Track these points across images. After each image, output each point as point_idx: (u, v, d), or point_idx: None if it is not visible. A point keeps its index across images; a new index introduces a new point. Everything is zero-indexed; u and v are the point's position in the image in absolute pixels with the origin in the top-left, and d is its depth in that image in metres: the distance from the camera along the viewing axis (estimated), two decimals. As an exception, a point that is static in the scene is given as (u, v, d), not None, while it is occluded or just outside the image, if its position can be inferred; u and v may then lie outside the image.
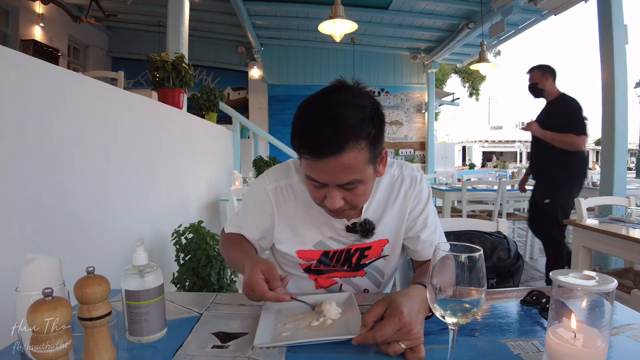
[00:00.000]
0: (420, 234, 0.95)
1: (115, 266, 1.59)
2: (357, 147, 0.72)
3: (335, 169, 0.73)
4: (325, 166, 0.73)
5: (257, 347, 0.64)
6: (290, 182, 0.95)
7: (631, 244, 1.82)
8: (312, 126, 0.73)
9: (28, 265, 0.58)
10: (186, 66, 2.90)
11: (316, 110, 0.74)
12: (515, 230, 4.60)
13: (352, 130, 0.71)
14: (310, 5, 5.74)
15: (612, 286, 0.50)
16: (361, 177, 0.76)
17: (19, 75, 1.19)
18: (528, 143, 17.05)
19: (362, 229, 0.92)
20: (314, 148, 0.72)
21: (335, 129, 0.71)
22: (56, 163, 1.35)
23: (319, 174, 0.76)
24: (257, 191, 0.97)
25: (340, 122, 0.71)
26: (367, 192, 0.83)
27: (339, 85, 0.79)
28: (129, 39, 7.61)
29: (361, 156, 0.74)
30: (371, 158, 0.76)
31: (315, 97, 0.77)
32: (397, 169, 0.97)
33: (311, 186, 0.81)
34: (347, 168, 0.73)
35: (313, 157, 0.73)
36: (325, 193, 0.79)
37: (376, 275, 1.00)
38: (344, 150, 0.71)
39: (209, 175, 3.43)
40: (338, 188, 0.77)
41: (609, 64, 3.18)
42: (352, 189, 0.78)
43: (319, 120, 0.73)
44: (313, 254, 0.96)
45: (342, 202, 0.79)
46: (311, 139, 0.72)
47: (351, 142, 0.71)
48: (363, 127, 0.72)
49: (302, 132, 0.74)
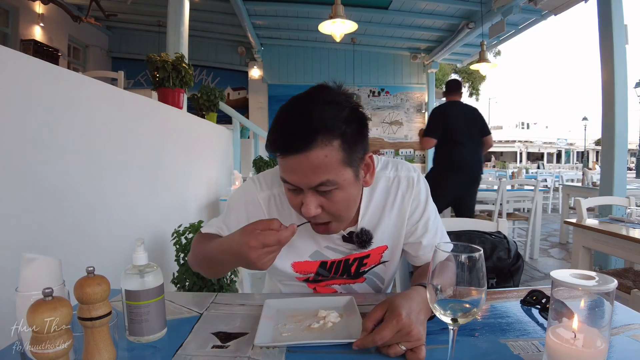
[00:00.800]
0: (422, 239, 0.91)
1: (115, 266, 1.59)
2: (328, 145, 0.69)
3: (305, 168, 0.69)
4: (295, 164, 0.70)
5: (257, 347, 0.64)
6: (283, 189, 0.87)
7: (631, 244, 1.82)
8: (284, 121, 0.71)
9: (28, 265, 0.58)
10: (186, 66, 2.90)
11: (290, 106, 0.73)
12: (515, 230, 4.61)
13: (322, 124, 0.68)
14: (310, 5, 5.74)
15: (612, 286, 0.50)
16: (335, 179, 0.71)
17: (19, 75, 1.19)
18: (528, 143, 16.98)
19: (358, 240, 0.87)
20: (283, 142, 0.70)
21: (306, 124, 0.68)
22: (56, 163, 1.35)
23: (290, 174, 0.72)
24: (248, 198, 0.90)
25: (311, 117, 0.69)
26: (349, 200, 0.77)
27: (319, 86, 0.77)
28: (129, 39, 7.61)
29: (333, 156, 0.69)
30: (347, 160, 0.72)
31: (294, 97, 0.75)
32: (393, 170, 0.92)
33: (288, 192, 0.77)
34: (316, 167, 0.69)
35: (282, 152, 0.70)
36: (302, 199, 0.74)
37: (376, 281, 0.98)
38: (313, 146, 0.67)
39: (209, 175, 3.43)
40: (313, 193, 0.73)
41: (609, 64, 3.18)
42: (327, 194, 0.73)
43: (291, 114, 0.71)
44: (310, 266, 0.92)
45: (319, 210, 0.74)
46: (281, 133, 0.70)
47: (320, 137, 0.68)
48: (335, 124, 0.69)
49: (273, 128, 0.72)
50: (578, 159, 30.32)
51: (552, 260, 3.98)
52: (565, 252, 4.26)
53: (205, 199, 3.21)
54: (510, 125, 35.46)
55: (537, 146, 30.00)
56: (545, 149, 30.15)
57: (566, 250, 4.32)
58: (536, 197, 3.75)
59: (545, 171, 12.27)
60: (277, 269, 0.92)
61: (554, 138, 29.91)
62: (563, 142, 29.62)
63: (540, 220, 4.14)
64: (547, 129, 34.16)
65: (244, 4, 5.52)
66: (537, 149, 30.10)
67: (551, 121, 48.03)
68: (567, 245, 4.53)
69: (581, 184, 5.33)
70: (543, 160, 28.66)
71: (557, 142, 29.55)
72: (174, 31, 3.42)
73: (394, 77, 7.92)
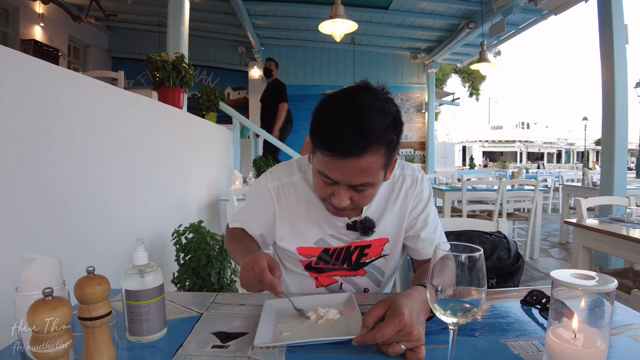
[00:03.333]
0: (421, 232, 0.95)
1: (116, 266, 1.59)
2: (378, 152, 0.73)
3: (352, 170, 0.74)
4: (344, 166, 0.73)
5: (257, 347, 0.64)
6: (292, 179, 0.96)
7: (631, 244, 1.82)
8: (337, 125, 0.72)
9: (28, 265, 0.58)
10: (186, 66, 2.90)
11: (342, 108, 0.74)
12: (515, 230, 4.60)
13: (376, 135, 0.72)
14: (311, 5, 5.74)
15: (612, 286, 0.50)
16: (374, 180, 0.77)
17: (19, 75, 1.19)
18: (528, 143, 16.99)
19: (362, 227, 0.92)
20: (337, 147, 0.72)
21: (361, 132, 0.71)
22: (56, 163, 1.35)
23: (334, 173, 0.76)
24: (260, 189, 0.98)
25: (366, 126, 0.71)
26: (374, 194, 0.84)
27: (363, 87, 0.79)
28: (129, 38, 7.61)
29: (378, 161, 0.75)
30: (385, 164, 0.78)
31: (340, 95, 0.77)
32: (399, 169, 0.98)
33: (321, 182, 0.80)
34: (363, 171, 0.74)
35: (333, 155, 0.73)
36: (334, 191, 0.79)
37: (376, 274, 1.00)
38: (365, 154, 0.72)
39: (209, 175, 3.43)
40: (348, 188, 0.78)
41: (609, 64, 3.18)
42: (361, 191, 0.79)
43: (345, 119, 0.72)
44: (313, 251, 0.96)
45: (349, 202, 0.80)
46: (335, 137, 0.72)
47: (374, 146, 0.72)
48: (386, 134, 0.73)
49: (325, 129, 0.74)
50: (578, 159, 30.30)
51: (552, 260, 3.98)
52: (565, 252, 4.26)
53: (205, 199, 3.21)
54: (510, 125, 35.45)
55: (537, 146, 30.00)
56: (546, 149, 30.15)
57: (566, 250, 4.32)
58: (536, 197, 3.75)
59: (546, 171, 12.27)
60: (283, 248, 0.99)
61: (554, 138, 29.91)
62: (563, 142, 29.63)
63: (541, 220, 4.14)
64: (547, 129, 34.14)
65: (244, 4, 5.52)
66: (537, 149, 30.10)
67: (551, 121, 47.97)
68: (567, 245, 4.53)
69: (581, 184, 5.34)
70: (543, 160, 28.66)
71: (557, 142, 29.55)
72: (174, 31, 3.42)
73: (394, 77, 7.91)
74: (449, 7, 5.52)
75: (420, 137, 8.08)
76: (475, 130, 32.33)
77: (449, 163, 8.28)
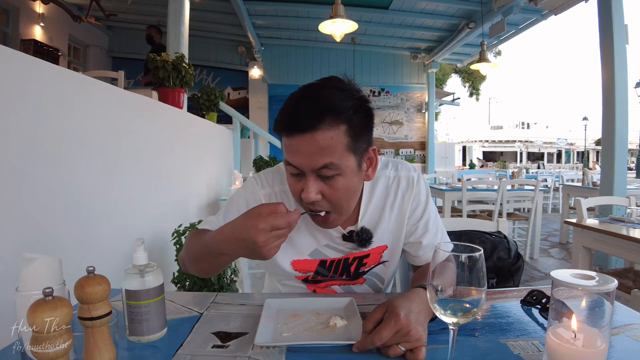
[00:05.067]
0: (422, 239, 0.91)
1: (116, 266, 1.59)
2: (335, 128, 0.70)
3: (310, 148, 0.70)
4: (301, 144, 0.71)
5: (257, 347, 0.64)
6: (284, 188, 0.88)
7: (631, 244, 1.82)
8: (292, 102, 0.73)
9: (28, 265, 0.58)
10: (186, 66, 2.90)
11: (299, 91, 0.75)
12: (515, 230, 4.60)
13: (330, 106, 0.70)
14: (311, 5, 5.74)
15: (613, 286, 0.50)
16: (339, 163, 0.72)
17: (20, 75, 1.19)
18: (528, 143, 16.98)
19: (359, 239, 0.87)
20: (290, 121, 0.72)
21: (314, 104, 0.71)
22: (56, 163, 1.35)
23: (294, 155, 0.73)
24: (249, 195, 0.90)
25: (320, 98, 0.71)
26: (349, 189, 0.77)
27: (330, 77, 0.80)
28: (129, 38, 7.60)
29: (339, 139, 0.71)
30: (352, 147, 0.73)
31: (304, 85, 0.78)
32: (393, 170, 0.92)
33: (290, 177, 0.78)
34: (322, 148, 0.70)
35: (288, 132, 0.72)
36: (303, 185, 0.75)
37: (376, 281, 0.97)
38: (320, 126, 0.69)
39: (209, 175, 3.43)
40: (315, 178, 0.73)
41: (609, 64, 3.18)
42: (328, 180, 0.73)
43: (300, 97, 0.74)
44: (309, 265, 0.91)
45: (319, 196, 0.74)
46: (288, 113, 0.72)
47: (328, 118, 0.70)
48: (344, 108, 0.71)
49: (282, 110, 0.74)
50: (578, 159, 30.28)
51: (552, 260, 3.98)
52: (565, 252, 4.26)
53: (205, 199, 3.21)
54: (510, 125, 35.45)
55: (537, 146, 29.98)
56: (546, 149, 30.13)
57: (566, 250, 4.32)
58: (536, 197, 3.75)
59: (546, 171, 12.27)
60: (277, 266, 0.92)
61: (554, 138, 29.89)
62: (563, 142, 29.61)
63: (541, 220, 4.14)
64: (547, 129, 34.13)
65: (244, 4, 5.52)
66: (537, 149, 30.09)
67: (551, 121, 48.01)
68: (567, 245, 4.53)
69: (581, 184, 5.34)
70: (543, 160, 28.63)
71: (557, 142, 29.53)
72: (174, 31, 3.42)
73: (394, 77, 7.92)
74: (449, 7, 5.52)
75: (420, 137, 8.08)
76: (475, 130, 32.34)
77: (449, 163, 8.29)
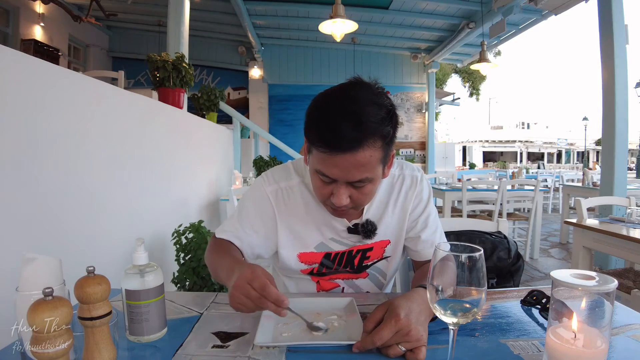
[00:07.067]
0: (421, 234, 0.94)
1: (116, 266, 1.59)
2: (374, 146, 0.73)
3: (349, 166, 0.73)
4: (340, 161, 0.72)
5: (257, 347, 0.64)
6: (290, 184, 0.94)
7: (631, 244, 1.82)
8: (333, 120, 0.72)
9: (28, 265, 0.58)
10: (186, 66, 2.90)
11: (337, 104, 0.74)
12: (515, 230, 4.60)
13: (372, 127, 0.71)
14: (311, 5, 5.75)
15: (613, 286, 0.50)
16: (372, 175, 0.76)
17: (20, 75, 1.19)
18: (528, 143, 17.00)
19: (364, 230, 0.91)
20: (334, 142, 0.71)
21: (357, 125, 0.70)
22: (56, 163, 1.35)
23: (332, 169, 0.75)
24: (257, 194, 0.94)
25: (361, 119, 0.71)
26: (374, 192, 0.82)
27: (356, 82, 0.79)
28: (129, 38, 7.62)
29: (376, 155, 0.74)
30: (383, 158, 0.76)
31: (334, 92, 0.77)
32: (398, 168, 0.96)
33: (319, 182, 0.79)
34: (361, 166, 0.73)
35: (330, 151, 0.72)
36: (333, 190, 0.78)
37: (378, 276, 0.99)
38: (362, 147, 0.71)
39: (209, 175, 3.43)
40: (347, 185, 0.77)
41: (610, 64, 3.18)
42: (360, 188, 0.78)
43: (340, 114, 0.72)
44: (315, 257, 0.94)
45: (348, 200, 0.79)
46: (331, 132, 0.71)
47: (370, 139, 0.71)
48: (382, 127, 0.73)
49: (321, 125, 0.73)
50: (578, 159, 30.28)
51: (552, 260, 3.98)
52: (565, 252, 4.26)
53: (205, 199, 3.21)
54: (510, 125, 35.43)
55: (538, 146, 29.99)
56: (546, 149, 30.14)
57: (566, 250, 4.32)
58: (536, 197, 3.75)
59: (546, 171, 12.27)
60: (283, 262, 0.95)
61: (554, 138, 29.89)
62: (563, 142, 29.61)
63: (541, 220, 4.13)
64: (547, 129, 34.12)
65: (244, 4, 5.53)
66: (538, 149, 30.09)
67: (551, 121, 47.90)
68: (567, 245, 4.53)
69: (581, 184, 5.33)
70: (543, 160, 28.64)
71: (558, 142, 29.53)
72: (174, 31, 3.42)
73: (394, 77, 7.92)
74: (449, 7, 5.52)
75: (420, 137, 8.08)
76: (476, 130, 32.33)
77: (449, 163, 8.29)
